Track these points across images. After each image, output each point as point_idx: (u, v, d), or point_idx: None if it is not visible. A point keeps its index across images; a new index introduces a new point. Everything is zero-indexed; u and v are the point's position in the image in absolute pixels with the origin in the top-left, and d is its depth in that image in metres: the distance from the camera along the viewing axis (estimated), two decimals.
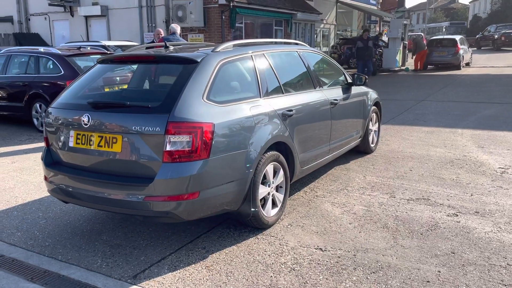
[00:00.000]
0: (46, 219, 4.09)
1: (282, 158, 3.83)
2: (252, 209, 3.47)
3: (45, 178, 3.61)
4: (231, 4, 14.10)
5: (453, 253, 3.27)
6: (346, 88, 5.26)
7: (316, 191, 4.68)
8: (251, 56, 3.83)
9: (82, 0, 17.23)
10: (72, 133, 3.34)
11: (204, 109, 3.13)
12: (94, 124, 3.19)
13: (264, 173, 3.64)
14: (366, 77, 5.43)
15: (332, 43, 25.50)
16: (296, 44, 4.87)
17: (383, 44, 21.19)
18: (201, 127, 3.03)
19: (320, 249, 3.39)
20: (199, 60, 3.34)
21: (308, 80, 4.55)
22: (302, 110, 4.16)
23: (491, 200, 4.29)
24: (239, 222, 3.71)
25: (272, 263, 3.18)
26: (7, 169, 5.84)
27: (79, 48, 9.10)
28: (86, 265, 3.20)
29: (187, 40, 15.03)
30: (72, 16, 17.74)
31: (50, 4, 17.46)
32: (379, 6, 33.17)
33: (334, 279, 2.96)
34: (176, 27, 8.64)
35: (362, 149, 6.03)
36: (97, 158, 3.24)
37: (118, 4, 16.30)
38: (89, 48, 9.75)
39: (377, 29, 32.62)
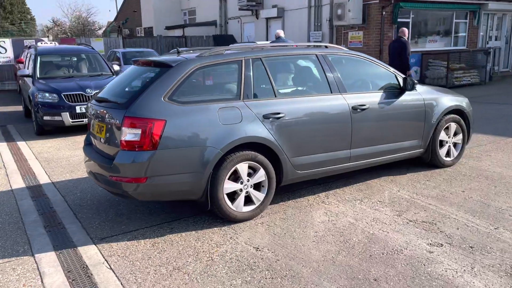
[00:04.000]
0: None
1: (261, 158, 4.01)
2: (210, 201, 3.82)
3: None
4: None
5: (375, 280, 2.97)
6: (392, 93, 4.86)
7: (328, 197, 4.59)
8: (242, 60, 4.08)
9: (265, 3, 18.97)
10: (92, 121, 4.31)
11: (160, 108, 3.64)
12: (94, 114, 4.09)
13: (236, 170, 3.91)
14: (415, 82, 4.86)
15: None
16: (326, 47, 4.78)
17: None
18: (152, 122, 3.56)
19: (256, 248, 3.51)
20: (173, 65, 3.85)
21: (322, 84, 4.46)
22: (298, 113, 4.18)
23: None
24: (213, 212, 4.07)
25: (203, 251, 3.50)
26: None
27: None
28: (85, 224, 4.14)
29: (348, 38, 15.04)
30: (257, 18, 19.71)
31: (240, 9, 19.82)
32: None
33: (231, 275, 3.12)
34: (280, 32, 9.36)
35: (428, 162, 5.39)
36: (96, 141, 4.13)
37: (292, 5, 17.35)
38: None
39: None
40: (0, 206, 4.66)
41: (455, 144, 5.54)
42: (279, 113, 4.07)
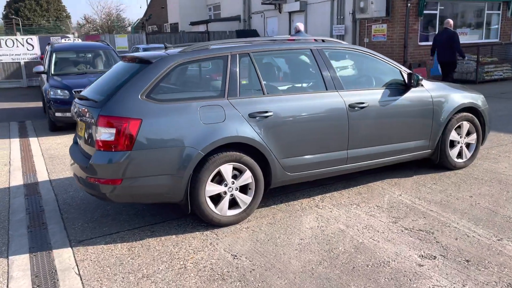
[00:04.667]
0: None
1: (247, 159, 3.79)
2: (192, 205, 3.63)
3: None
4: None
5: None
6: (395, 90, 4.52)
7: (323, 200, 4.32)
8: (228, 56, 3.86)
9: None
10: (76, 120, 4.20)
11: (136, 106, 3.47)
12: (76, 112, 3.98)
13: (219, 172, 3.71)
14: (421, 77, 4.50)
15: None
16: (323, 41, 4.48)
17: None
18: (127, 121, 3.40)
19: (234, 256, 3.30)
20: (153, 61, 3.68)
21: (317, 80, 4.19)
22: (288, 112, 3.93)
23: None
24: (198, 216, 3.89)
25: (177, 258, 3.32)
26: None
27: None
28: (68, 225, 4.04)
29: (371, 31, 14.52)
30: (280, 12, 19.38)
31: (262, 3, 19.56)
32: None
33: (200, 285, 2.93)
34: (299, 26, 9.06)
35: (437, 164, 5.01)
36: (80, 141, 4.02)
37: None
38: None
39: None
40: None
41: (468, 145, 5.15)
42: (266, 112, 3.84)
